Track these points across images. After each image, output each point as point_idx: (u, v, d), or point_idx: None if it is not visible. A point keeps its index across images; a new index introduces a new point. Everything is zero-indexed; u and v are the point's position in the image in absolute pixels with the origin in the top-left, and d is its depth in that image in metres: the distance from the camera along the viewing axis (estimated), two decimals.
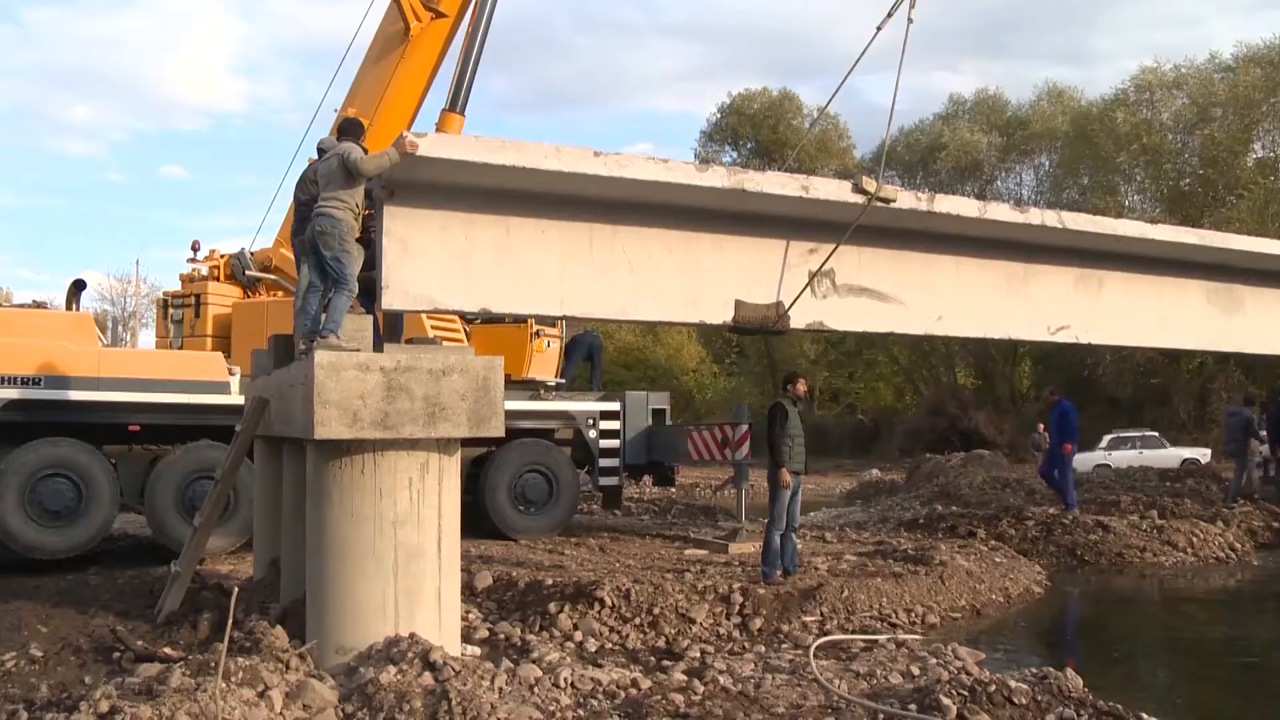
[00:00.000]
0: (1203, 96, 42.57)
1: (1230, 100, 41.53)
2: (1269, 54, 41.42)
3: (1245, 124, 41.75)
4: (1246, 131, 42.03)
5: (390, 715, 6.39)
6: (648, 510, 20.23)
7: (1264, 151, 43.11)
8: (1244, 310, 14.30)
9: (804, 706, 6.84)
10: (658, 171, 9.05)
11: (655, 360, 51.28)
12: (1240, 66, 41.92)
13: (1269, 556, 15.58)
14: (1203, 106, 42.49)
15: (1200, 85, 42.90)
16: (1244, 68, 41.59)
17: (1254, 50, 42.11)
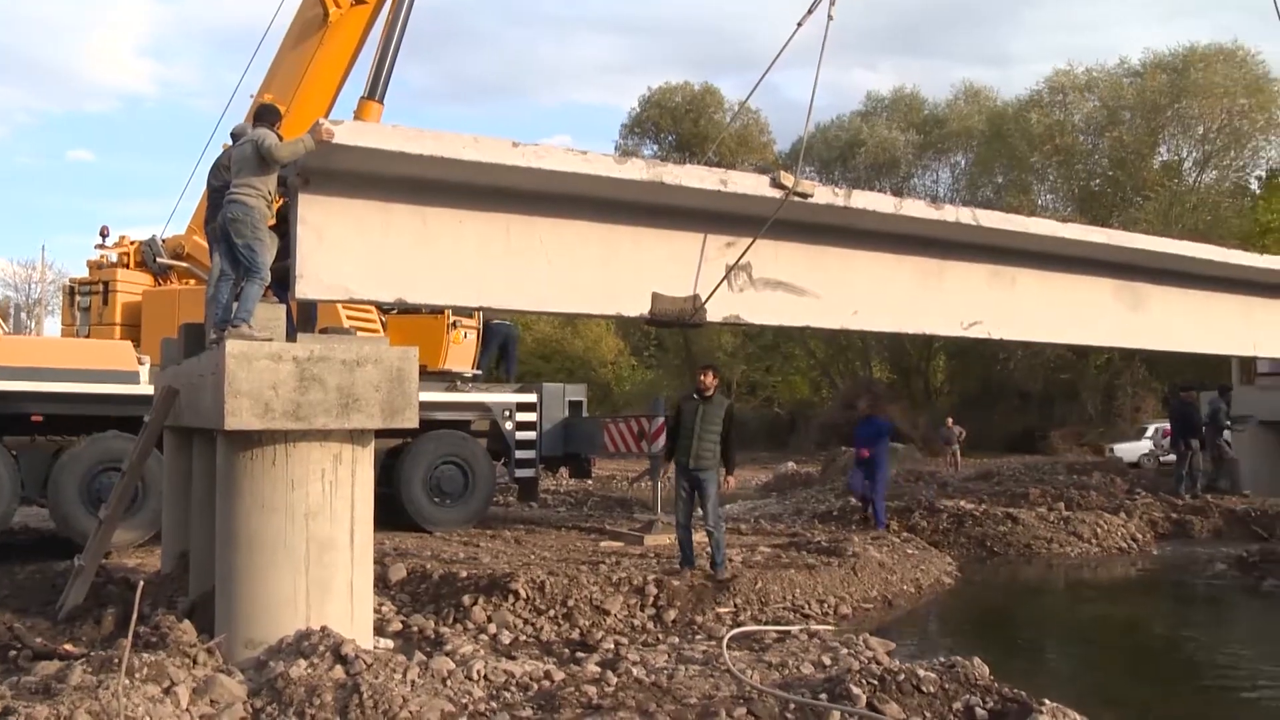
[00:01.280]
0: (1112, 100, 43.68)
1: (1138, 105, 42.65)
2: (1174, 61, 42.61)
3: (1151, 128, 42.90)
4: (1153, 135, 43.18)
5: (300, 710, 6.32)
6: (564, 502, 20.22)
7: (1168, 155, 44.34)
8: (1148, 308, 14.65)
9: (716, 697, 6.88)
10: (576, 163, 9.03)
11: (574, 352, 51.23)
12: (1147, 72, 43.07)
13: (1167, 546, 16.06)
14: (1112, 110, 43.61)
15: (1110, 89, 44.00)
16: (1151, 73, 42.74)
17: (1160, 57, 43.32)
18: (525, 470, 16.39)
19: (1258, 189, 41.85)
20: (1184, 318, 15.14)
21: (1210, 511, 17.74)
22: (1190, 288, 15.11)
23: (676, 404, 11.39)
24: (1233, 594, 12.76)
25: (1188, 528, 17.16)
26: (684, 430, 10.92)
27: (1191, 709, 8.06)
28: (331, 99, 16.78)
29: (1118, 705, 7.76)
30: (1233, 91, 41.32)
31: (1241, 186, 43.56)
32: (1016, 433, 39.30)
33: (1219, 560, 14.13)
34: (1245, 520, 17.33)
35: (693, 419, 10.86)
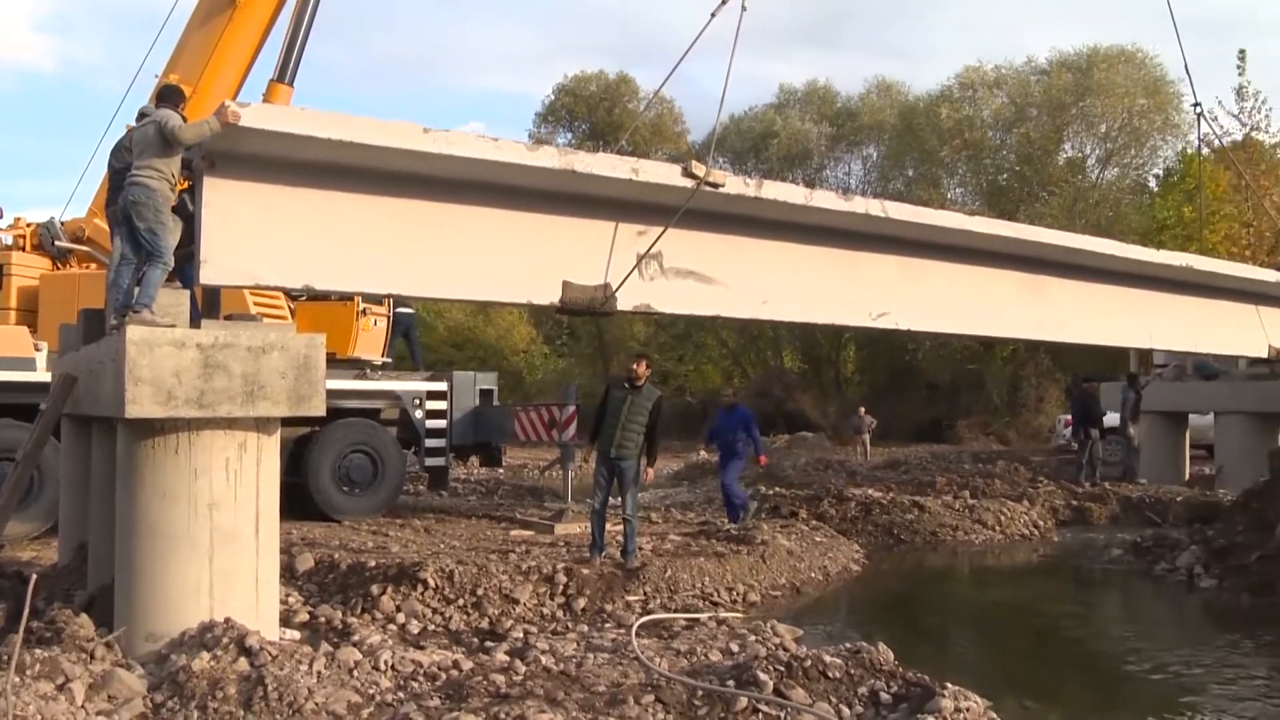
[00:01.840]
0: (1020, 97, 44.61)
1: (1044, 102, 43.60)
2: (1078, 61, 43.65)
3: (1057, 125, 43.89)
4: (1058, 132, 44.17)
5: (203, 703, 6.22)
6: (475, 491, 20.13)
7: (1073, 151, 45.37)
8: (1052, 300, 14.95)
9: (624, 685, 6.92)
10: (488, 150, 8.97)
11: (486, 340, 50.86)
12: (1053, 71, 44.07)
13: (1067, 532, 16.51)
14: (1020, 106, 44.51)
15: (1018, 86, 44.92)
16: (1057, 72, 43.75)
17: (1065, 57, 44.33)
18: (435, 459, 16.28)
19: (1155, 187, 42.96)
20: (1085, 310, 15.49)
21: (1108, 499, 18.27)
22: (1092, 281, 15.46)
23: (605, 390, 11.35)
24: (1127, 578, 13.13)
25: (1087, 514, 17.67)
26: (609, 418, 10.92)
27: (1087, 689, 8.29)
28: (240, 80, 16.45)
29: (1018, 687, 7.95)
30: (1133, 92, 42.40)
31: (1141, 184, 44.68)
32: (924, 422, 39.90)
33: (1115, 546, 14.52)
34: (1141, 507, 17.88)
35: (620, 407, 10.88)
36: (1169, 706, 7.70)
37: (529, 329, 51.99)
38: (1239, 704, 7.68)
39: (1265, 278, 18.13)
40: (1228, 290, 17.63)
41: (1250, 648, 9.52)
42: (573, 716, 6.25)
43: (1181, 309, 16.95)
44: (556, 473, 19.06)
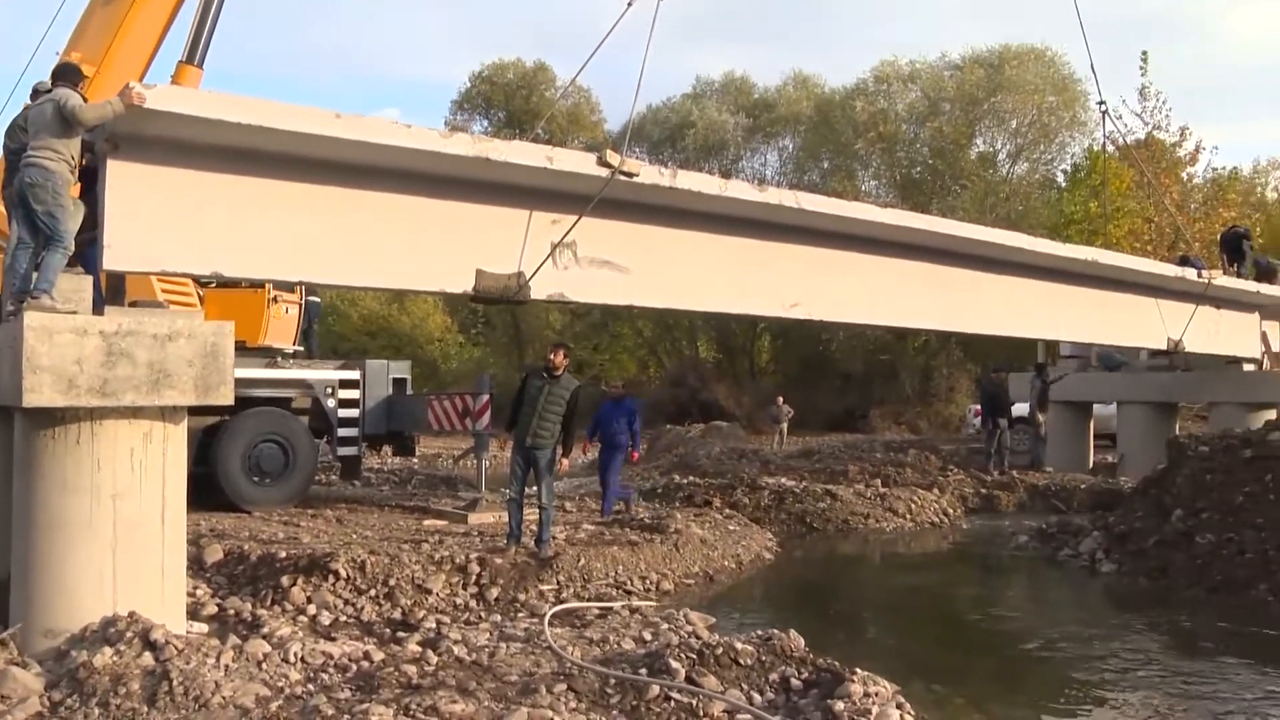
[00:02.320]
0: (933, 91, 45.27)
1: (957, 97, 44.32)
2: (990, 57, 44.44)
3: (969, 120, 44.62)
4: (970, 127, 44.91)
5: (104, 700, 6.09)
6: (388, 481, 19.93)
7: (984, 146, 46.19)
8: (963, 292, 15.20)
9: (537, 674, 6.92)
10: (401, 136, 8.88)
11: (400, 329, 50.38)
12: (966, 67, 44.81)
13: (976, 520, 16.84)
14: (933, 101, 45.17)
15: (931, 81, 45.60)
16: (969, 67, 44.49)
17: (978, 53, 45.11)
18: (348, 448, 16.09)
19: (1063, 182, 43.90)
20: (995, 302, 15.77)
21: (1015, 487, 18.70)
22: (1001, 274, 15.74)
23: (523, 379, 11.29)
24: (1033, 563, 13.43)
25: (995, 502, 18.06)
26: (526, 407, 10.86)
27: (992, 671, 8.48)
28: (147, 61, 15.99)
29: (926, 671, 8.08)
30: (1042, 89, 43.30)
31: (1049, 179, 45.62)
32: (838, 412, 40.32)
33: (1021, 533, 14.82)
34: (1046, 494, 18.34)
35: (537, 396, 10.81)
36: (1069, 685, 7.90)
37: (444, 318, 51.61)
38: (1133, 681, 7.92)
39: (1165, 272, 18.62)
40: (1130, 284, 18.07)
41: (1146, 628, 9.84)
42: (484, 706, 6.23)
43: (1087, 301, 17.35)
44: (470, 462, 18.96)
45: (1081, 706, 7.35)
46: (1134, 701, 7.43)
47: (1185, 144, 37.48)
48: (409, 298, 46.65)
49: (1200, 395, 23.25)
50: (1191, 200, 37.84)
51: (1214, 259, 22.66)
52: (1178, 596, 10.98)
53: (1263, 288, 20.95)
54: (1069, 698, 7.57)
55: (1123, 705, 7.36)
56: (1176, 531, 12.04)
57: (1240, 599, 10.49)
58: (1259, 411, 19.91)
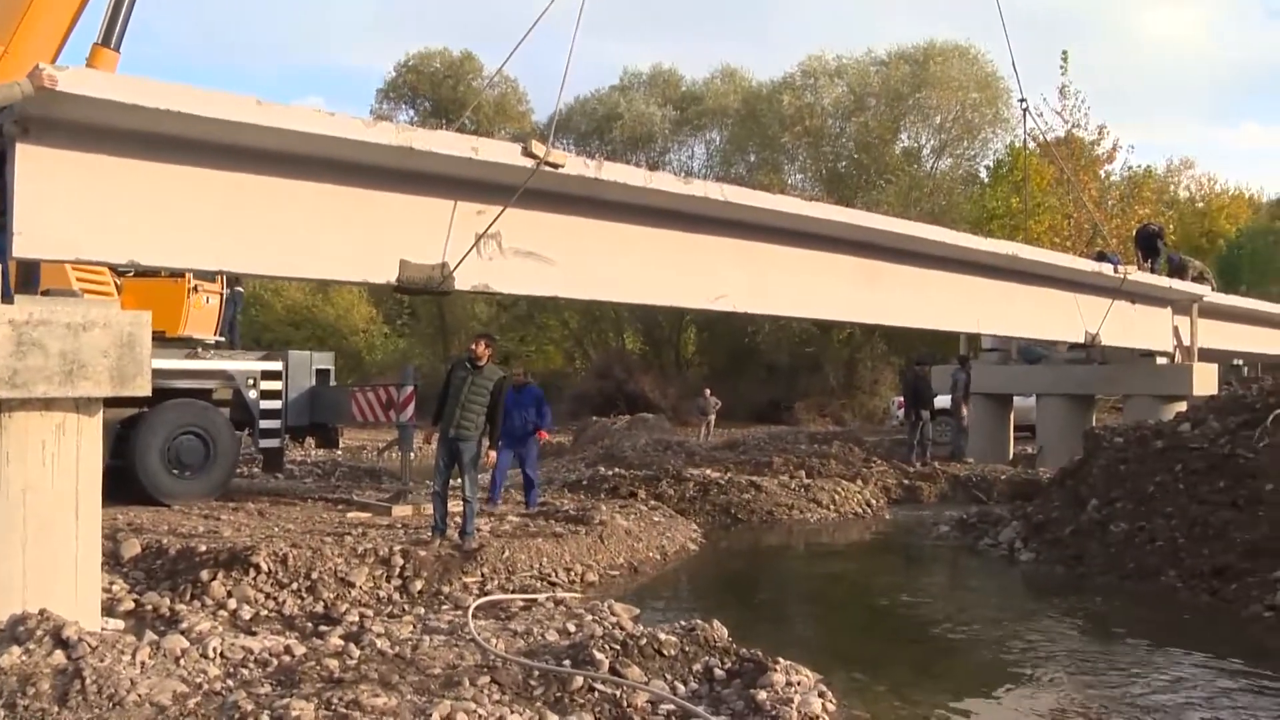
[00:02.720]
0: (859, 87, 45.80)
1: (882, 92, 44.90)
2: (915, 54, 45.08)
3: (894, 115, 45.23)
4: (895, 122, 45.53)
5: (11, 701, 5.93)
6: (311, 473, 19.70)
7: (909, 141, 46.83)
8: (887, 285, 15.37)
9: (460, 667, 6.88)
10: (323, 124, 8.76)
11: (325, 320, 49.89)
12: (892, 63, 45.43)
13: (899, 511, 17.06)
14: (859, 96, 45.71)
15: (858, 76, 46.12)
16: (895, 64, 45.11)
17: (903, 50, 45.75)
18: (270, 440, 15.86)
19: (986, 178, 44.60)
20: (918, 295, 15.97)
21: (937, 477, 18.97)
22: (925, 267, 15.94)
23: (448, 371, 11.21)
24: (954, 553, 13.63)
25: (917, 493, 18.31)
26: (450, 398, 10.80)
27: (913, 659, 8.58)
28: (60, 42, 15.63)
29: (849, 660, 8.17)
30: (966, 86, 44.02)
31: (973, 174, 46.37)
32: (763, 403, 40.62)
33: (943, 523, 15.02)
34: (968, 485, 18.64)
35: (461, 387, 10.75)
36: (987, 671, 8.05)
37: (369, 308, 51.20)
38: (1047, 665, 8.07)
39: (1083, 267, 19.01)
40: (1050, 278, 18.42)
41: (1061, 614, 10.04)
42: (407, 700, 6.17)
43: (1008, 295, 17.64)
44: (395, 454, 18.80)
45: (998, 690, 7.48)
46: (1048, 684, 7.58)
47: (1103, 142, 38.35)
48: (334, 288, 46.22)
49: (1116, 388, 23.78)
50: (1109, 197, 38.68)
51: (1130, 255, 23.19)
52: (1092, 583, 11.21)
53: (1175, 283, 21.50)
54: (987, 682, 7.70)
55: (1037, 688, 7.49)
56: (1092, 521, 12.29)
57: (1151, 585, 10.74)
58: (1171, 404, 20.38)
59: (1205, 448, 12.14)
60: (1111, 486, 12.64)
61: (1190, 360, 21.96)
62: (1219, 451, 11.92)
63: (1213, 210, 51.11)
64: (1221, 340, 23.85)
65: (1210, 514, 11.16)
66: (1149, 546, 11.31)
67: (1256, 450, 11.40)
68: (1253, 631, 9.08)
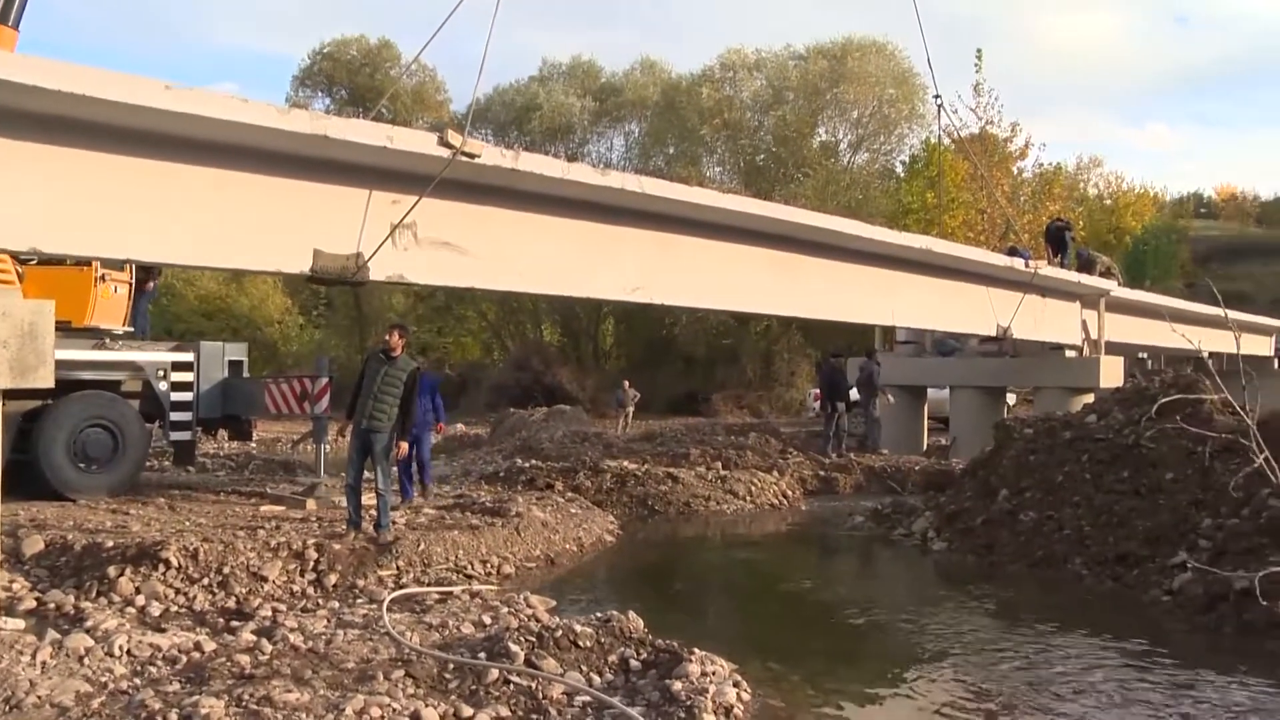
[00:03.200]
0: (778, 81, 46.15)
1: (800, 87, 45.26)
2: (834, 49, 45.50)
3: (812, 109, 45.62)
4: (813, 116, 45.94)
5: None
6: (224, 466, 19.38)
7: (826, 136, 47.26)
8: (803, 278, 15.51)
9: (374, 660, 6.82)
10: (235, 111, 8.61)
11: (239, 310, 49.06)
12: (810, 57, 45.81)
13: (815, 502, 17.24)
14: (777, 90, 46.06)
15: (776, 70, 46.47)
16: (813, 59, 45.50)
17: (822, 45, 46.16)
18: (181, 433, 15.55)
19: (901, 173, 45.18)
20: (834, 288, 16.14)
21: (853, 469, 19.18)
22: (841, 260, 16.12)
23: (364, 362, 11.06)
24: (868, 543, 13.81)
25: (833, 484, 18.51)
26: (364, 390, 10.66)
27: (827, 647, 8.68)
28: None
29: (764, 649, 8.23)
30: (883, 81, 44.56)
31: (889, 169, 46.97)
32: (680, 395, 40.75)
33: (858, 513, 15.20)
34: (882, 476, 18.86)
35: (373, 379, 10.61)
36: (899, 658, 8.16)
37: (284, 299, 50.45)
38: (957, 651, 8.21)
39: (995, 261, 19.36)
40: (963, 272, 18.71)
41: (972, 602, 10.24)
42: (320, 695, 6.10)
43: (922, 289, 17.89)
44: (309, 446, 18.56)
45: (909, 676, 7.59)
46: (957, 669, 7.71)
47: (1016, 139, 39.01)
48: (248, 278, 45.44)
49: (1026, 380, 24.25)
50: (1021, 193, 39.36)
51: (1041, 250, 23.63)
52: (1002, 572, 11.43)
53: (1083, 278, 21.97)
54: (898, 669, 7.81)
55: (946, 673, 7.62)
56: (1002, 510, 12.52)
57: (1058, 572, 10.98)
58: (1079, 395, 20.82)
59: (1110, 438, 12.43)
60: (1021, 477, 12.89)
61: (1098, 353, 22.48)
62: (1123, 442, 12.22)
63: (1120, 208, 52.32)
64: (1127, 334, 24.44)
65: (1115, 503, 11.45)
66: (1057, 535, 11.56)
67: (1157, 440, 11.69)
68: (1152, 614, 9.36)
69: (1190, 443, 11.09)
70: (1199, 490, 10.63)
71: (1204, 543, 9.99)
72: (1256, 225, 72.73)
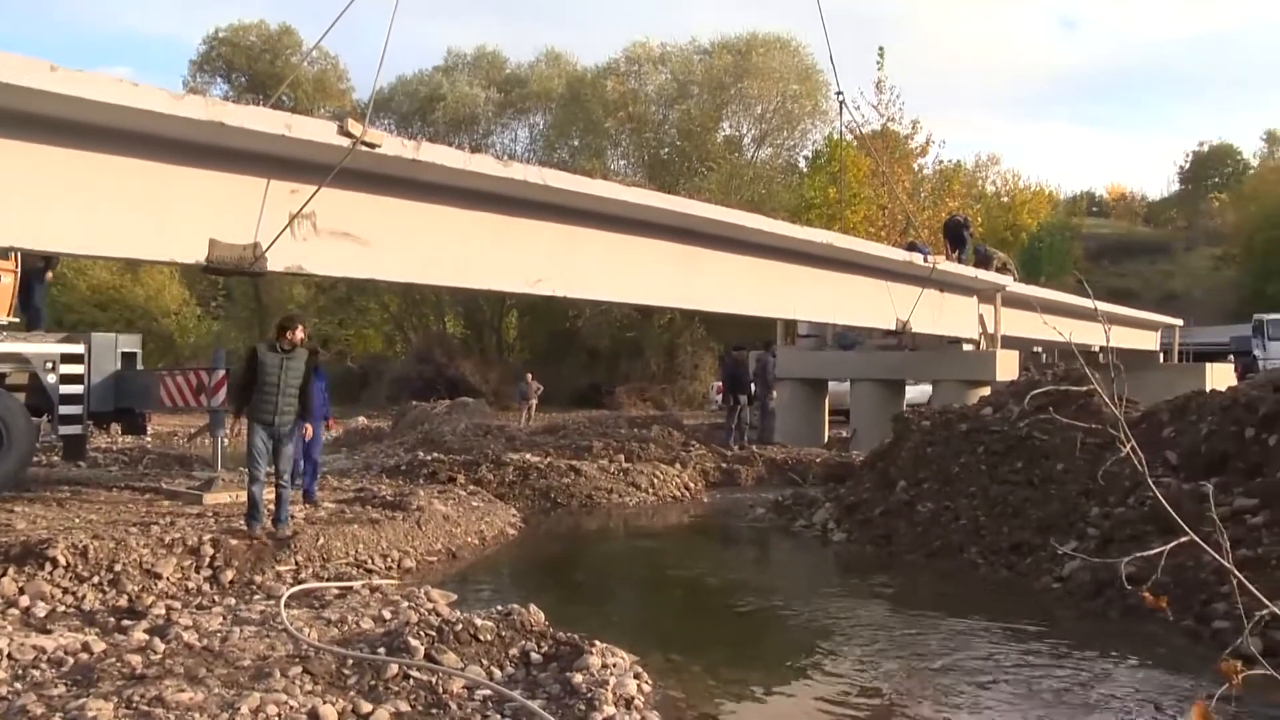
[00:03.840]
0: (683, 75, 46.35)
1: (705, 81, 45.52)
2: (738, 44, 45.84)
3: (717, 104, 45.92)
4: (717, 111, 46.24)
5: None
6: (117, 461, 18.91)
7: (731, 130, 47.61)
8: (705, 272, 15.61)
9: (271, 657, 6.71)
10: (126, 95, 8.39)
11: (134, 301, 47.91)
12: (715, 52, 46.12)
13: (717, 494, 17.37)
14: (682, 84, 46.28)
15: (681, 64, 46.68)
16: (718, 53, 45.81)
17: (727, 40, 46.46)
18: (71, 427, 15.11)
19: (805, 168, 45.68)
20: (737, 282, 16.27)
21: (755, 461, 19.36)
22: (743, 254, 16.25)
23: (251, 354, 10.66)
24: (769, 534, 13.92)
25: (735, 476, 18.64)
26: (267, 385, 10.39)
27: (728, 638, 8.74)
28: None
29: (665, 641, 8.26)
30: (787, 77, 45.00)
31: (792, 164, 47.47)
32: (584, 388, 40.79)
33: (759, 505, 15.34)
34: (784, 468, 19.05)
35: (276, 373, 10.37)
36: (798, 647, 8.24)
37: (182, 289, 49.43)
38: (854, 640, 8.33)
39: (894, 256, 19.67)
40: (863, 267, 19.00)
41: (870, 592, 10.40)
42: (215, 693, 5.98)
43: (823, 283, 18.12)
44: (206, 440, 18.19)
45: (807, 665, 7.67)
46: (854, 658, 7.81)
47: (916, 136, 39.67)
48: (143, 268, 44.42)
49: (925, 374, 24.69)
50: (921, 190, 40.05)
51: (940, 246, 24.07)
52: (900, 562, 11.62)
53: (980, 273, 22.45)
54: (797, 659, 7.89)
55: (844, 661, 7.72)
56: (900, 501, 12.73)
57: (955, 562, 11.20)
58: (975, 388, 21.27)
59: (1005, 430, 12.71)
60: (919, 468, 13.12)
61: (994, 347, 22.97)
62: (1017, 434, 12.49)
63: (1016, 205, 53.50)
64: (1022, 328, 25.03)
65: (1009, 493, 11.71)
66: (953, 525, 11.79)
67: (1050, 432, 11.97)
68: (1044, 601, 9.58)
69: (1081, 434, 11.39)
70: (1088, 480, 10.91)
71: (1092, 531, 10.27)
72: (1144, 224, 75.06)
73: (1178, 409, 11.93)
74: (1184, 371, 32.76)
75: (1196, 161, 75.93)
